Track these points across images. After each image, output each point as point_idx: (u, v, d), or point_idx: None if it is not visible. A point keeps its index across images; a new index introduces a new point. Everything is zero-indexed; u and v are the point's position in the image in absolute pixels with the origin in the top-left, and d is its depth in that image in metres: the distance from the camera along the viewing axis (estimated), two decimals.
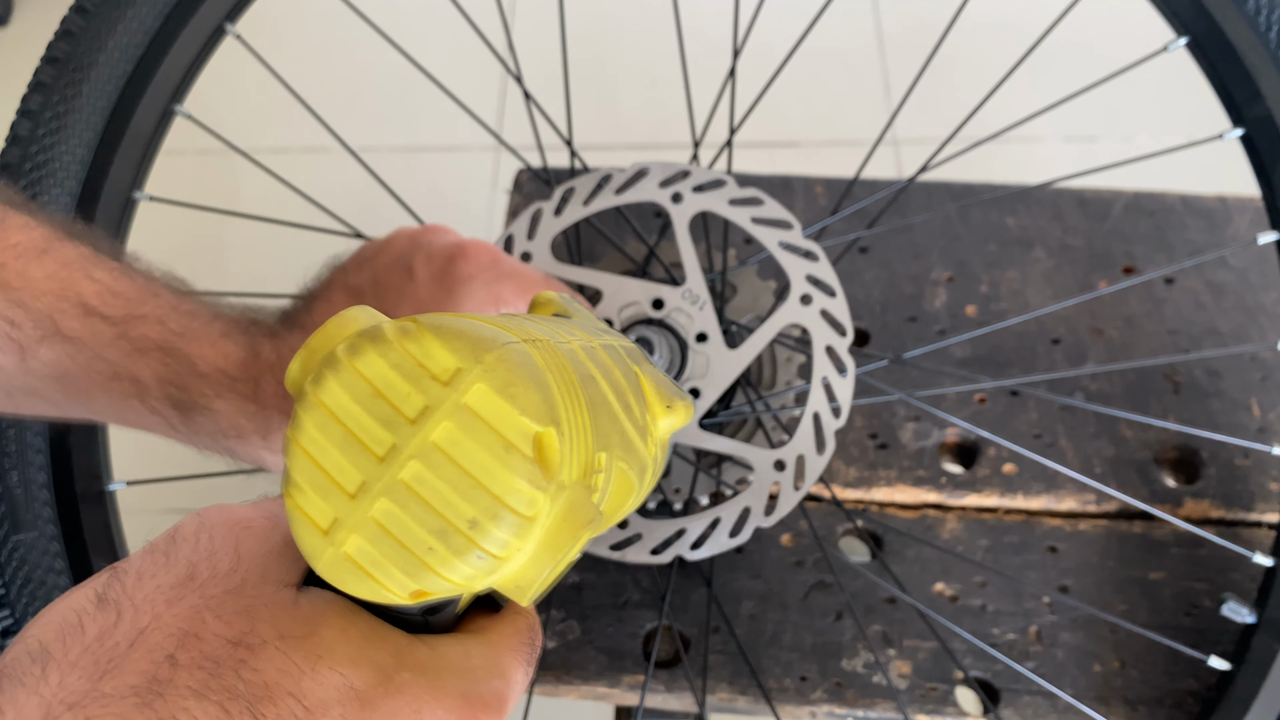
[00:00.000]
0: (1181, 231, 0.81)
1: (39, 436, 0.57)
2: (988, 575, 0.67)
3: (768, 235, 0.52)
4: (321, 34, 1.69)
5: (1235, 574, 0.67)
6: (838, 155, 1.61)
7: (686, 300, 0.53)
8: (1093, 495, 0.70)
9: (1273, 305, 0.77)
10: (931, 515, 0.70)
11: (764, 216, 0.53)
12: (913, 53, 1.74)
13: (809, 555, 0.68)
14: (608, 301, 0.54)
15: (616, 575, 0.68)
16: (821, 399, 0.50)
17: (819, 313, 0.51)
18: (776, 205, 0.52)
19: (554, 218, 0.54)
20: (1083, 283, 0.79)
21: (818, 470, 0.50)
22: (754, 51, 0.65)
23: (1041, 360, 0.75)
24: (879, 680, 0.64)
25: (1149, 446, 0.71)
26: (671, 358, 0.55)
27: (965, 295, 0.78)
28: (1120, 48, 0.74)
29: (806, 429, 0.50)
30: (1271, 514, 0.69)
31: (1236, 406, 0.73)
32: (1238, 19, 0.57)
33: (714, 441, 0.52)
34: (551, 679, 0.65)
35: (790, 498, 0.50)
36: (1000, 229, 0.81)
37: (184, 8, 0.60)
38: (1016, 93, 0.66)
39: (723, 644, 0.65)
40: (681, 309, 0.53)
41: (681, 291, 0.53)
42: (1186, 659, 0.63)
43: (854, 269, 0.79)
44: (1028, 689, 0.63)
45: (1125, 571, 0.67)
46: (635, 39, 1.76)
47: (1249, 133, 0.58)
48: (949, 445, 0.73)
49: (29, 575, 0.56)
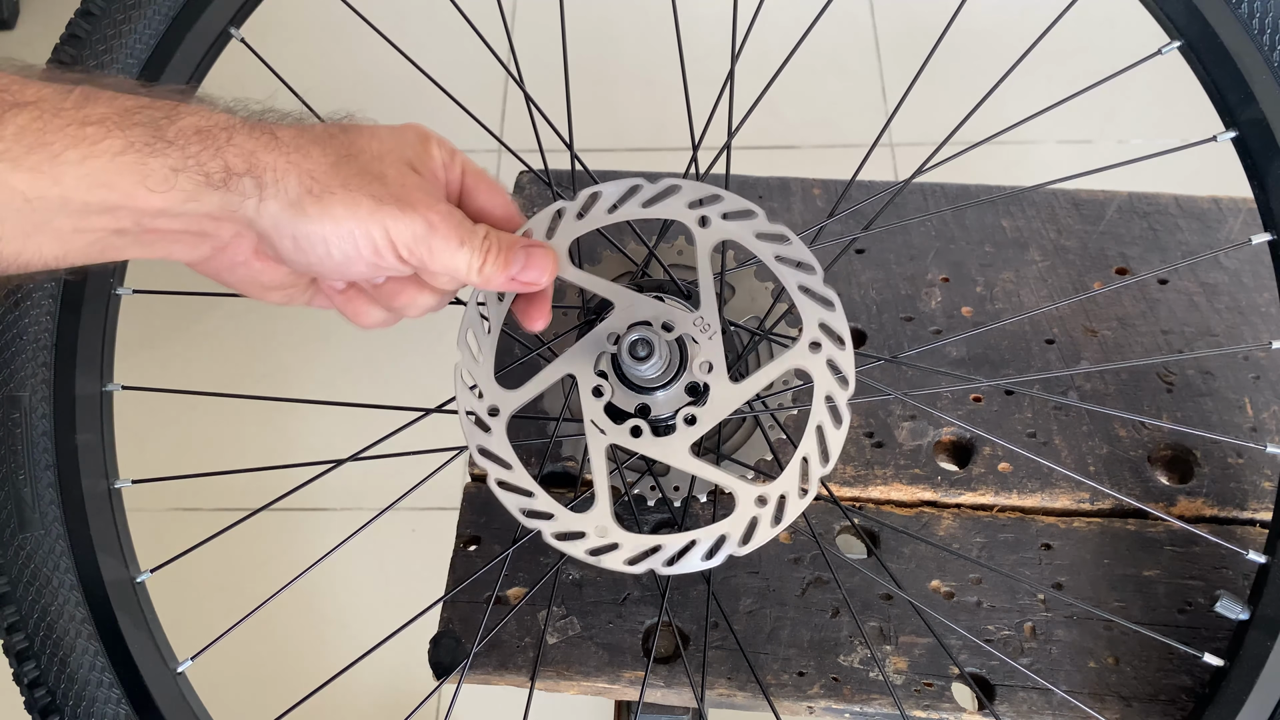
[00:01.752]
0: (1175, 233, 0.81)
1: (45, 436, 0.58)
2: (983, 572, 0.68)
3: (789, 276, 0.52)
4: (325, 38, 1.70)
5: (1229, 571, 0.67)
6: (835, 157, 1.62)
7: (698, 328, 0.53)
8: (1087, 493, 0.70)
9: (1265, 305, 0.77)
10: (927, 513, 0.70)
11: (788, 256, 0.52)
12: (909, 56, 1.75)
13: (807, 552, 0.69)
14: (617, 315, 0.54)
15: (616, 573, 0.68)
16: (813, 445, 0.51)
17: (825, 362, 0.51)
18: (802, 246, 0.52)
19: (576, 220, 0.54)
20: (1077, 284, 0.79)
21: (796, 511, 0.50)
22: (752, 55, 0.66)
23: (1036, 360, 0.76)
24: (875, 676, 0.64)
25: (1143, 445, 0.72)
26: (670, 359, 0.55)
27: (961, 296, 0.79)
28: (1114, 51, 0.74)
29: (793, 472, 0.51)
30: (1264, 512, 0.69)
31: (1230, 406, 0.73)
32: (1231, 23, 0.58)
33: (704, 470, 0.52)
34: (552, 674, 0.65)
35: (766, 532, 0.51)
36: (995, 230, 0.82)
37: (189, 12, 0.61)
38: (1012, 96, 0.67)
39: (721, 640, 0.66)
40: (690, 335, 0.53)
41: (694, 318, 0.53)
42: (1180, 655, 0.64)
43: (851, 270, 0.80)
44: (1023, 685, 0.64)
45: (1119, 569, 0.68)
46: (635, 43, 1.76)
47: (1242, 135, 0.59)
48: (944, 444, 0.73)
49: (35, 573, 0.56)
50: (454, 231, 0.48)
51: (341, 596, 1.38)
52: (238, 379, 1.54)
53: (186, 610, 0.73)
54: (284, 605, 0.60)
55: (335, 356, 1.53)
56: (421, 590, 0.70)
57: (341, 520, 1.40)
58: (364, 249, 0.47)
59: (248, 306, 1.64)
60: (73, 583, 0.57)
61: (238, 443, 1.47)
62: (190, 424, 1.48)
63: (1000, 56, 0.61)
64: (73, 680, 0.55)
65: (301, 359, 1.55)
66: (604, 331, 0.54)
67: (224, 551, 0.69)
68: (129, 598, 0.58)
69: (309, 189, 0.46)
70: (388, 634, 0.60)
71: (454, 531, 0.71)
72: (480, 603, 0.68)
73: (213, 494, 1.36)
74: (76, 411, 0.59)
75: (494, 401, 0.54)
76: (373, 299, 0.54)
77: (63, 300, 0.59)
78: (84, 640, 0.56)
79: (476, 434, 0.54)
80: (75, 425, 0.58)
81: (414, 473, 0.62)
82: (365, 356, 1.49)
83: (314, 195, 0.46)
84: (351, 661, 0.59)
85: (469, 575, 0.67)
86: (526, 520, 0.52)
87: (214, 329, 1.59)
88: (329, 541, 0.59)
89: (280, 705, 0.59)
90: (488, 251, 0.50)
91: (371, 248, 0.47)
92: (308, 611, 1.37)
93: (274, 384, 1.54)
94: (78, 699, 0.55)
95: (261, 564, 1.20)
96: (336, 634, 1.36)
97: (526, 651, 0.66)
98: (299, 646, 1.34)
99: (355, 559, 0.93)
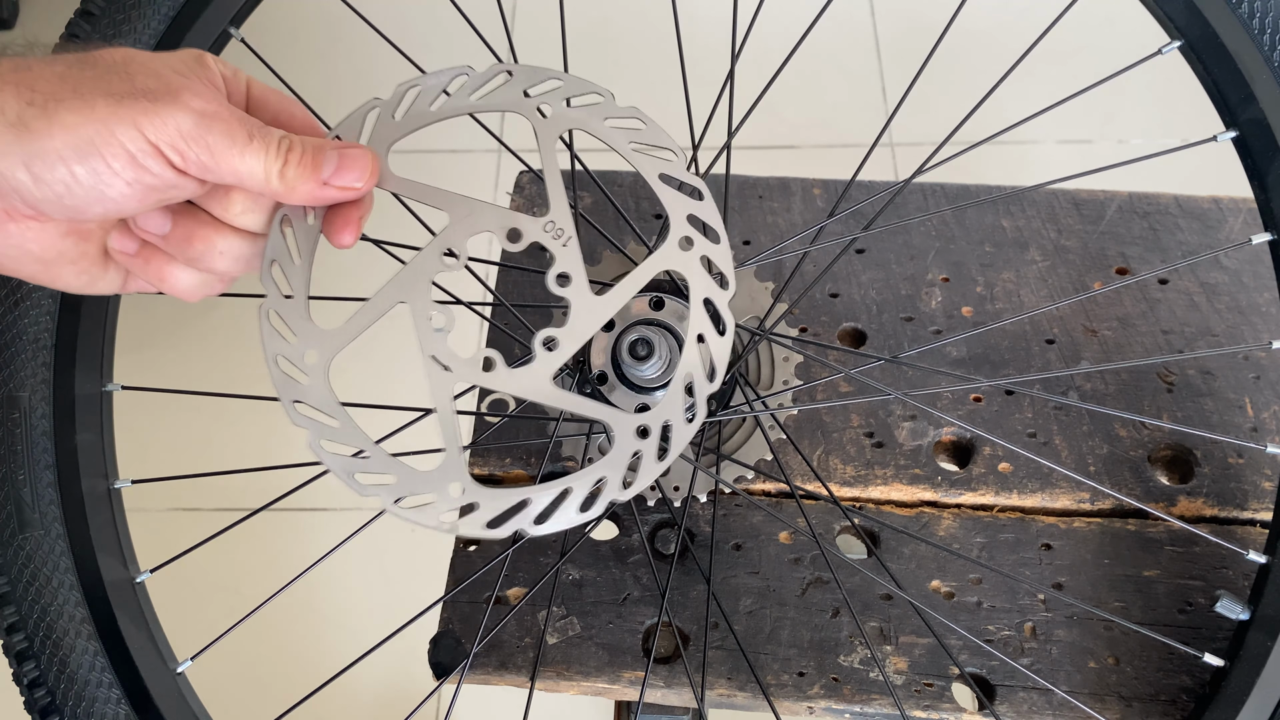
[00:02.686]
0: (1175, 233, 0.81)
1: (45, 436, 0.58)
2: (983, 573, 0.68)
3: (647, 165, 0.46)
4: (325, 38, 1.70)
5: (1229, 571, 0.67)
6: (835, 157, 1.62)
7: (549, 234, 0.45)
8: (1087, 493, 0.70)
9: (1266, 305, 0.77)
10: (927, 513, 0.70)
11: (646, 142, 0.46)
12: (909, 56, 1.75)
13: (807, 552, 0.69)
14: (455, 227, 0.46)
15: (617, 572, 0.68)
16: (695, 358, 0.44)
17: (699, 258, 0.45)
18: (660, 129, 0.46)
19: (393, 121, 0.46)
20: (1077, 283, 0.79)
21: (684, 441, 0.44)
22: (752, 55, 0.66)
23: (1036, 360, 0.76)
24: (875, 676, 0.64)
25: (1143, 445, 0.72)
26: (671, 358, 0.55)
27: (961, 296, 0.79)
28: (1114, 51, 0.74)
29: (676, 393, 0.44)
30: (1265, 512, 0.69)
31: (1230, 406, 0.73)
32: (1231, 22, 0.58)
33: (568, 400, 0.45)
34: (552, 675, 0.65)
35: (652, 469, 0.44)
36: (996, 230, 0.82)
37: (189, 12, 0.61)
38: (1012, 96, 0.67)
39: (721, 640, 0.66)
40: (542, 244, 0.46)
41: (544, 223, 0.45)
42: (1181, 655, 0.64)
43: (851, 270, 0.80)
44: (1023, 685, 0.64)
45: (1120, 569, 0.68)
46: (635, 43, 1.76)
47: (1242, 135, 0.59)
48: (945, 444, 0.73)
49: (35, 573, 0.56)
50: (239, 125, 0.41)
51: (341, 596, 1.38)
52: (238, 379, 1.53)
53: (186, 610, 0.73)
54: (284, 605, 0.60)
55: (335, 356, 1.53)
56: (421, 590, 0.70)
57: (341, 520, 1.40)
58: (115, 160, 0.39)
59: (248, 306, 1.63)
60: (72, 583, 0.56)
61: (238, 443, 1.47)
62: (190, 424, 1.48)
63: (1000, 56, 0.61)
64: (72, 680, 0.55)
65: None
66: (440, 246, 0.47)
67: (224, 551, 0.69)
68: (129, 598, 0.58)
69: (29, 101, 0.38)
70: (388, 634, 0.60)
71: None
72: (480, 603, 0.68)
73: (213, 494, 1.36)
74: (76, 411, 0.58)
75: (310, 345, 0.46)
76: (170, 256, 0.46)
77: (62, 300, 0.59)
78: (84, 640, 0.56)
79: (289, 386, 0.45)
80: (75, 425, 0.58)
81: None
82: (365, 356, 1.49)
83: (37, 107, 0.38)
84: (351, 661, 0.59)
85: (469, 575, 0.67)
86: (361, 489, 0.44)
87: (214, 329, 1.59)
88: (329, 541, 0.59)
89: (280, 705, 0.59)
90: (288, 151, 0.42)
91: (125, 157, 0.39)
92: (308, 611, 1.37)
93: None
94: (77, 699, 0.55)
95: (261, 564, 1.20)
96: (336, 634, 1.36)
97: (526, 651, 0.66)
98: (299, 646, 1.34)
99: (355, 559, 0.93)
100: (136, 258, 0.46)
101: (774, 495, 0.72)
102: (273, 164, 0.42)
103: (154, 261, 0.46)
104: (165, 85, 0.40)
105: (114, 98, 0.39)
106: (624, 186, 0.86)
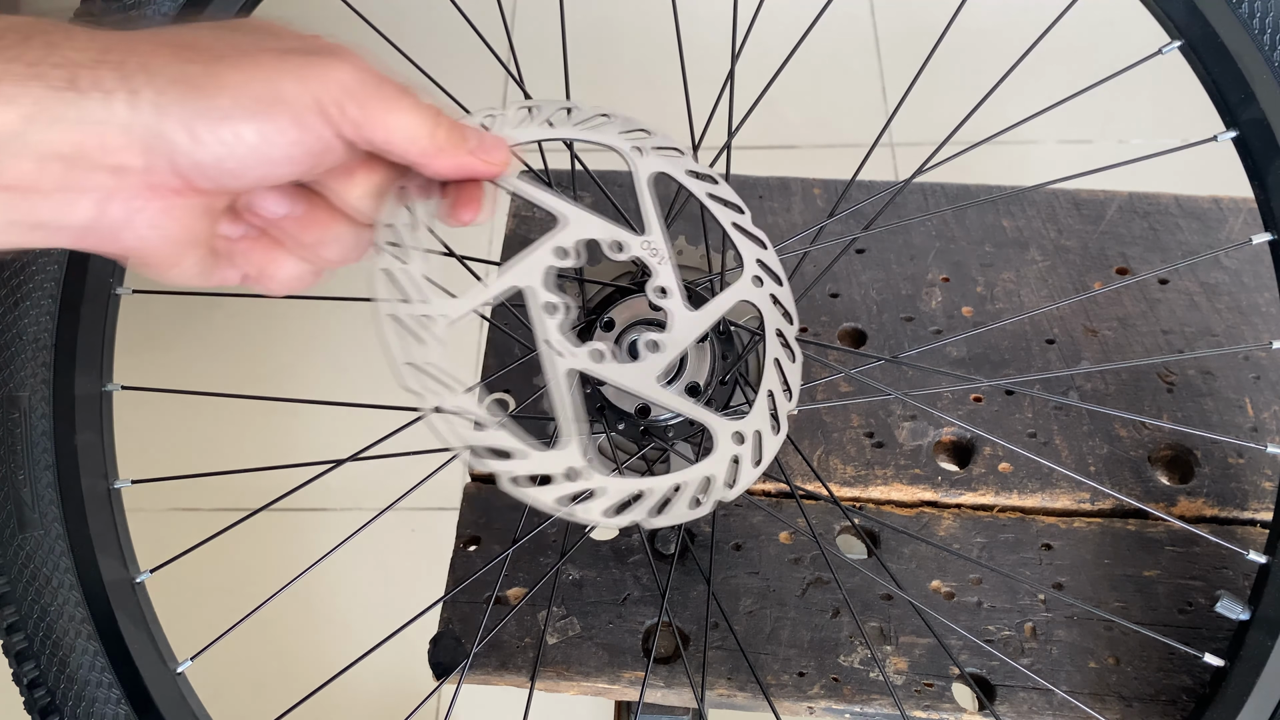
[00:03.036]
0: (1175, 233, 0.81)
1: (45, 436, 0.58)
2: (983, 573, 0.68)
3: (723, 214, 0.53)
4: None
5: (1229, 571, 0.67)
6: (835, 157, 1.62)
7: (646, 251, 0.52)
8: (1087, 493, 0.70)
9: (1266, 305, 0.77)
10: (928, 513, 0.70)
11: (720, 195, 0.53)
12: (909, 56, 1.75)
13: (807, 552, 0.69)
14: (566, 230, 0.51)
15: (617, 572, 0.68)
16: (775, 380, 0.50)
17: (769, 296, 0.52)
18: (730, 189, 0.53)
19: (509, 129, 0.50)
20: (1077, 284, 0.79)
21: (773, 449, 0.49)
22: (752, 55, 0.66)
23: (1036, 360, 0.76)
24: (876, 676, 0.64)
25: (1143, 445, 0.72)
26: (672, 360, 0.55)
27: (961, 296, 0.79)
28: (1114, 51, 0.74)
29: (762, 406, 0.50)
30: (1265, 512, 0.69)
31: (1230, 406, 0.73)
32: (1231, 22, 0.58)
33: (673, 401, 0.50)
34: (552, 675, 0.65)
35: (749, 473, 0.48)
36: (996, 230, 0.82)
37: (189, 13, 0.61)
38: (1012, 96, 0.66)
39: (721, 640, 0.66)
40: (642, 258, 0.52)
41: (641, 241, 0.51)
42: (1181, 655, 0.64)
43: (851, 270, 0.80)
44: (1023, 685, 0.64)
45: (1120, 569, 0.68)
46: (635, 43, 1.76)
47: (1242, 135, 0.59)
48: (945, 444, 0.73)
49: (35, 573, 0.56)
50: (392, 84, 0.40)
51: (341, 596, 1.38)
52: (238, 379, 1.54)
53: (186, 610, 0.73)
54: (284, 605, 0.60)
55: (335, 356, 1.53)
56: (421, 590, 0.70)
57: (341, 520, 1.40)
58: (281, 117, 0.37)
59: (248, 306, 1.64)
60: (72, 583, 0.56)
61: (238, 443, 1.47)
62: (190, 424, 1.48)
63: (1000, 56, 0.61)
64: (72, 680, 0.55)
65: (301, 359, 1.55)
66: (552, 243, 0.50)
67: (224, 551, 0.69)
68: (128, 598, 0.58)
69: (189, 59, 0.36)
70: (388, 634, 0.60)
71: (454, 531, 0.71)
72: (480, 603, 0.68)
73: (213, 494, 1.36)
74: (76, 411, 0.58)
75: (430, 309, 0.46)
76: (277, 242, 0.44)
77: (62, 300, 0.59)
78: (83, 640, 0.56)
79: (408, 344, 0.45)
80: (75, 425, 0.58)
81: (414, 473, 0.62)
82: (365, 356, 1.49)
83: (199, 64, 0.36)
84: (351, 661, 0.59)
85: (469, 575, 0.67)
86: (473, 458, 0.44)
87: (214, 329, 1.59)
88: (329, 541, 0.59)
89: (280, 705, 0.58)
90: (438, 115, 0.42)
91: (290, 115, 0.37)
92: (308, 611, 1.37)
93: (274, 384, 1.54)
94: (77, 699, 0.55)
95: (261, 564, 1.20)
96: (336, 634, 1.36)
97: (526, 652, 0.66)
98: (299, 646, 1.34)
99: (355, 559, 0.93)
100: (240, 243, 0.43)
101: (774, 495, 0.72)
102: (428, 124, 0.41)
103: (258, 248, 0.44)
104: (319, 44, 0.39)
105: (276, 54, 0.37)
106: (624, 187, 0.86)
